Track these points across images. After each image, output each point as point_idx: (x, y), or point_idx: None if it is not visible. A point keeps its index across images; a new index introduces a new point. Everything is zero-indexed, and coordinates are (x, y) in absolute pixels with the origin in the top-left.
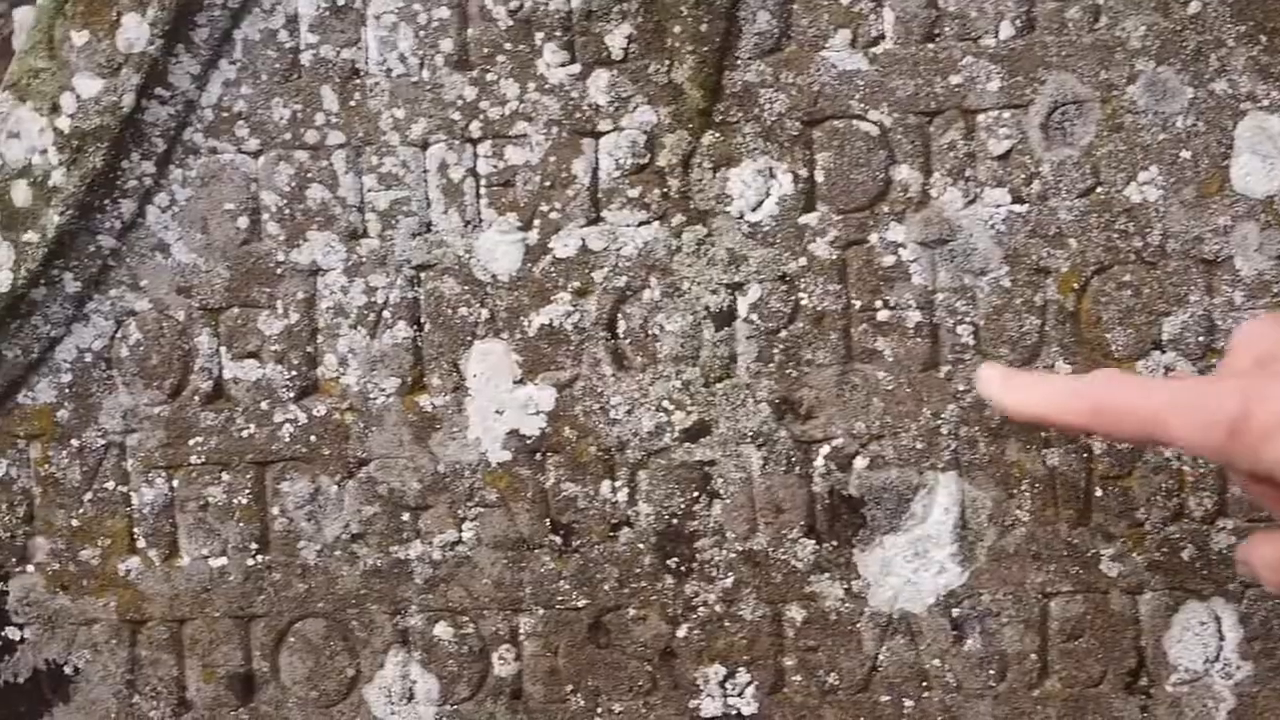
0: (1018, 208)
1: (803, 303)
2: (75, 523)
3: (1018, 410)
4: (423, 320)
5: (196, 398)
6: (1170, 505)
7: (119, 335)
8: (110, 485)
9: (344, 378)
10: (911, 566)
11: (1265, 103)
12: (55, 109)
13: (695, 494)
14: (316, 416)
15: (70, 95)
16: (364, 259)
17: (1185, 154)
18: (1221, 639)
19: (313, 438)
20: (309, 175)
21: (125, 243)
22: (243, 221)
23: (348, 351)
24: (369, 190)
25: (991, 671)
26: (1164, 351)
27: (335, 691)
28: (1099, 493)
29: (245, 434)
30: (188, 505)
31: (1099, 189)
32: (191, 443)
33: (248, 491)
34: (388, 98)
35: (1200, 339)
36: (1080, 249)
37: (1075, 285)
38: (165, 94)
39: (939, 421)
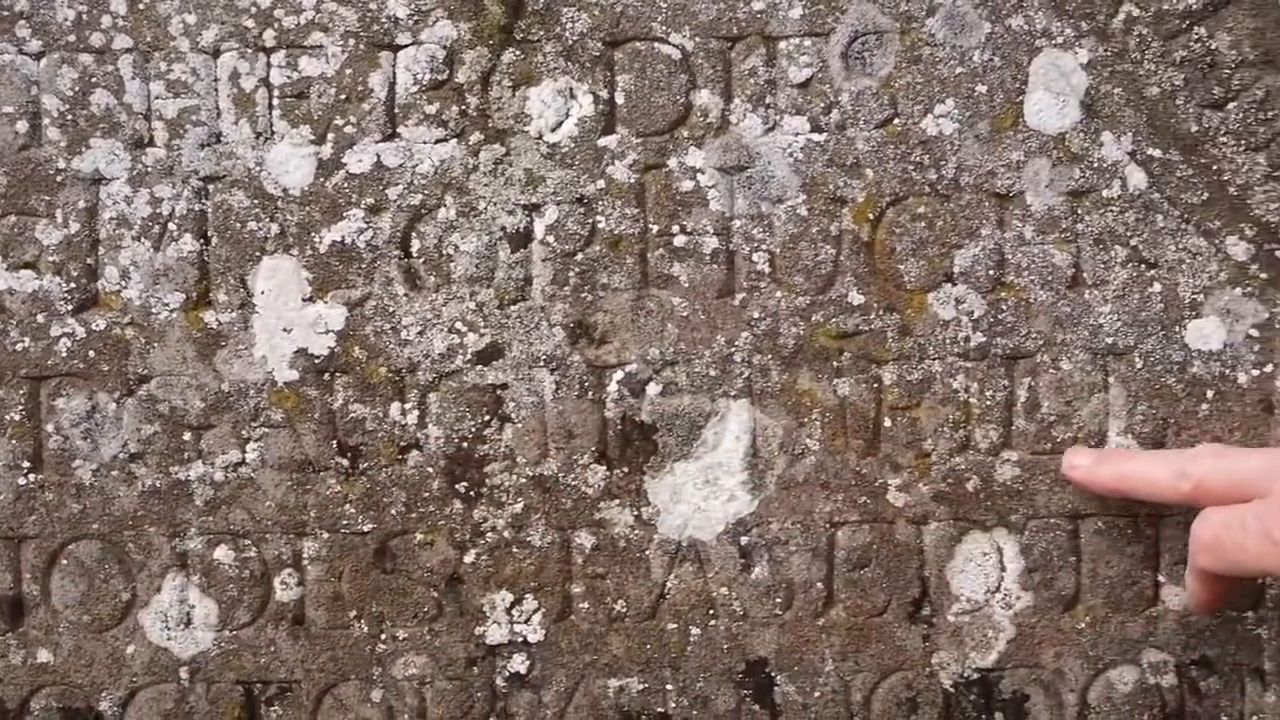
0: (816, 136)
1: (600, 226)
2: None
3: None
4: (209, 233)
5: None
6: (957, 437)
7: None
8: None
9: (125, 291)
10: (702, 494)
11: (1059, 40)
12: None
13: (486, 418)
14: (95, 331)
15: None
16: (149, 169)
17: (981, 88)
18: (1003, 570)
19: (91, 353)
20: (93, 80)
21: None
22: (22, 126)
23: (130, 264)
24: (156, 98)
25: (778, 600)
26: (955, 284)
27: (109, 615)
28: (888, 423)
29: (19, 347)
30: None
31: (896, 120)
32: None
33: (21, 408)
34: (179, 2)
35: (990, 272)
36: (876, 179)
37: (870, 216)
38: None
39: (732, 349)
